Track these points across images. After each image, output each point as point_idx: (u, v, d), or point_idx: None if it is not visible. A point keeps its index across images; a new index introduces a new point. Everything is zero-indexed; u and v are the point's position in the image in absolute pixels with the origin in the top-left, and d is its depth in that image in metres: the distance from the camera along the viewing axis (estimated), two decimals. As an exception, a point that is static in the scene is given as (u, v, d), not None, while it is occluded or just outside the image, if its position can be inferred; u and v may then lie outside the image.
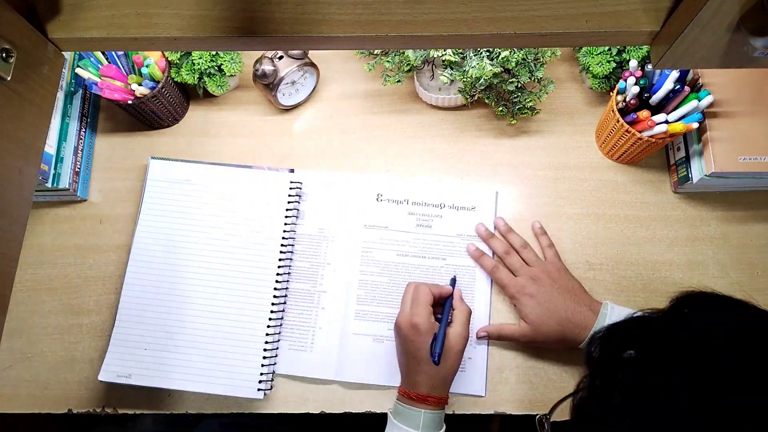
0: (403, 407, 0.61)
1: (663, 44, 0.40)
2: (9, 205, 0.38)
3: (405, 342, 0.62)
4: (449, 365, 0.61)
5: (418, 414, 0.60)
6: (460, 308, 0.65)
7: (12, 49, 0.37)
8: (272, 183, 0.75)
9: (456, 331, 0.62)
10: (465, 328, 0.63)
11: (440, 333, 0.61)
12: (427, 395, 0.60)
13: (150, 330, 0.69)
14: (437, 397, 0.60)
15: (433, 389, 0.60)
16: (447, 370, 0.61)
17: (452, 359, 0.61)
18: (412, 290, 0.64)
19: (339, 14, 0.41)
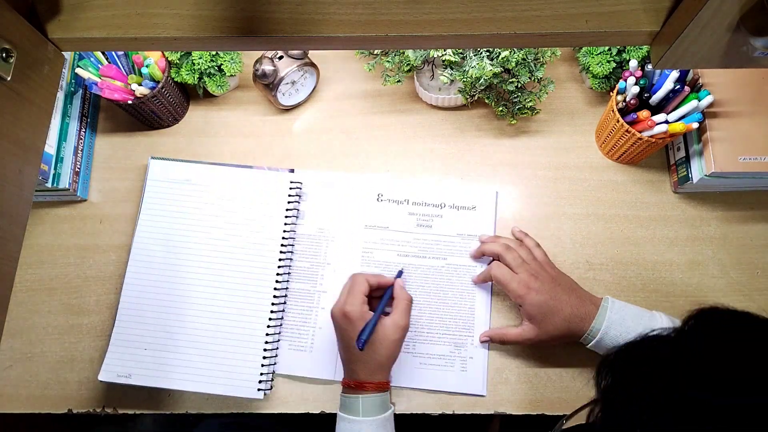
0: (345, 397, 0.62)
1: (663, 44, 0.40)
2: (9, 205, 0.38)
3: (338, 330, 0.63)
4: (382, 353, 0.61)
5: (356, 400, 0.61)
6: (400, 297, 0.65)
7: (12, 49, 0.37)
8: (272, 183, 0.75)
9: (392, 319, 0.62)
10: (403, 317, 0.63)
11: (371, 321, 0.61)
12: (365, 381, 0.61)
13: (150, 330, 0.69)
14: (375, 383, 0.61)
15: (370, 375, 0.61)
16: (381, 357, 0.61)
17: (387, 347, 0.61)
18: (350, 279, 0.65)
19: (339, 14, 0.41)
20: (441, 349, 0.69)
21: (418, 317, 0.71)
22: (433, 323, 0.70)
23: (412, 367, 0.69)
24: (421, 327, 0.70)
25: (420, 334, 0.70)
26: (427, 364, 0.69)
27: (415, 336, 0.70)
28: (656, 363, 0.37)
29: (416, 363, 0.69)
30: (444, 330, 0.70)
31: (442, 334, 0.70)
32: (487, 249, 0.70)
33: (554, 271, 0.67)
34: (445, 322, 0.70)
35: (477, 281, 0.72)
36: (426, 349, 0.69)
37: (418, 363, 0.69)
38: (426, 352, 0.69)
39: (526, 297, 0.63)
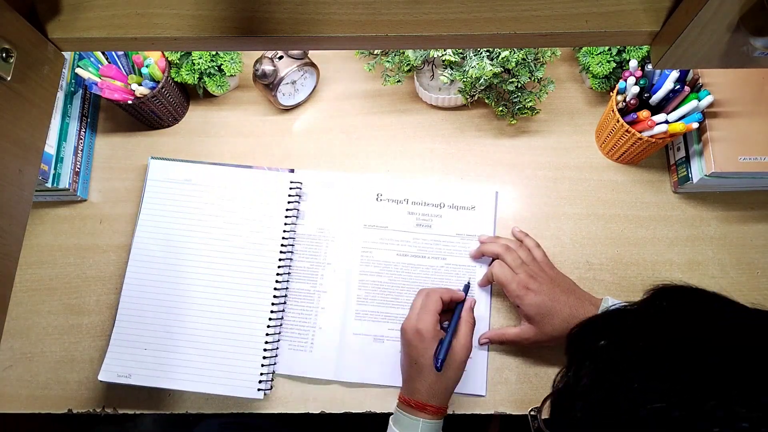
0: (402, 415, 0.61)
1: (663, 44, 0.40)
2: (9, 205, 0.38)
3: (408, 347, 0.62)
4: (450, 375, 0.61)
5: (416, 422, 0.60)
6: (467, 319, 0.64)
7: (12, 49, 0.37)
8: (272, 183, 0.75)
9: (460, 341, 0.62)
10: (469, 340, 0.63)
11: (446, 340, 0.61)
12: (426, 403, 0.60)
13: (150, 330, 0.69)
14: (436, 407, 0.60)
15: (432, 397, 0.60)
16: (448, 380, 0.61)
17: (454, 369, 0.61)
18: (423, 296, 0.64)
19: (339, 14, 0.41)
20: (441, 349, 0.69)
21: (418, 317, 0.71)
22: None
23: (412, 367, 0.69)
24: (421, 327, 0.70)
25: (420, 334, 0.70)
26: (427, 364, 0.69)
27: (415, 336, 0.70)
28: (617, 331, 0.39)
29: (416, 363, 0.69)
30: (444, 330, 0.70)
31: (442, 334, 0.70)
32: (486, 249, 0.70)
33: (553, 271, 0.67)
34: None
35: (482, 284, 0.71)
36: (426, 349, 0.69)
37: (418, 363, 0.69)
38: (426, 352, 0.69)
39: (524, 298, 0.63)
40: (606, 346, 0.38)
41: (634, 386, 0.34)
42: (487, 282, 0.71)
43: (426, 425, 0.59)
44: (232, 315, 0.69)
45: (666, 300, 0.40)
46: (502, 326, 0.70)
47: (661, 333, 0.36)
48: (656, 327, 0.37)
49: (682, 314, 0.38)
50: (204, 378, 0.67)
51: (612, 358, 0.37)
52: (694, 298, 0.40)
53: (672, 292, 0.40)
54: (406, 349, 0.62)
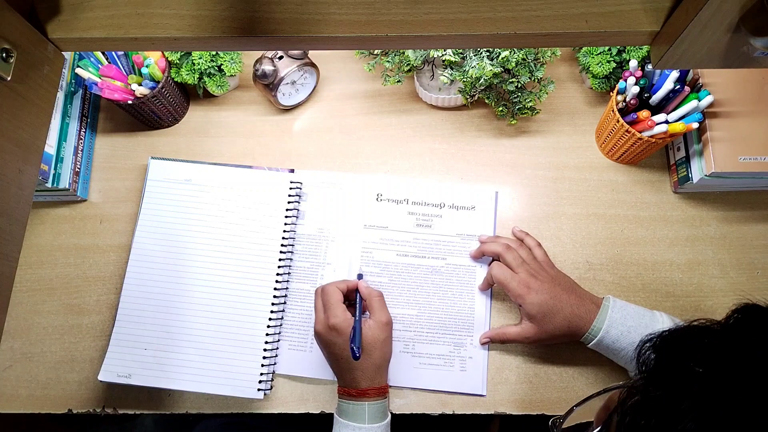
0: (347, 404, 0.61)
1: (663, 44, 0.40)
2: (9, 205, 0.38)
3: (328, 346, 0.62)
4: (378, 354, 0.61)
5: (362, 407, 0.60)
6: (370, 295, 0.65)
7: (12, 49, 0.37)
8: (272, 183, 0.75)
9: (374, 319, 0.62)
10: (382, 313, 0.63)
11: (356, 328, 0.61)
12: (367, 388, 0.61)
13: (150, 330, 0.69)
14: (377, 388, 0.61)
15: (371, 381, 0.61)
16: (377, 360, 0.61)
17: (379, 347, 0.61)
18: (321, 294, 0.64)
19: (339, 14, 0.41)
20: (440, 349, 0.69)
21: (417, 317, 0.71)
22: (432, 323, 0.70)
23: (412, 367, 0.69)
24: (420, 327, 0.70)
25: (420, 334, 0.70)
26: (426, 364, 0.69)
27: (415, 336, 0.70)
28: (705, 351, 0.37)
29: (416, 363, 0.69)
30: (443, 330, 0.70)
31: (441, 334, 0.70)
32: (486, 249, 0.70)
33: (554, 270, 0.67)
34: (444, 322, 0.70)
35: (483, 288, 0.71)
36: (425, 349, 0.69)
37: (417, 363, 0.69)
38: (426, 352, 0.69)
39: (526, 297, 0.63)
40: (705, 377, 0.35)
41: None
42: (488, 285, 0.71)
43: (372, 407, 0.60)
44: (232, 315, 0.69)
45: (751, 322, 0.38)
46: (502, 325, 0.70)
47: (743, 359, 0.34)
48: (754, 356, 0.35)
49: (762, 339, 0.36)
50: (204, 378, 0.67)
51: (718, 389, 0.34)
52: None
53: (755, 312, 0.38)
54: (328, 349, 0.62)
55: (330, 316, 0.62)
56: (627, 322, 0.61)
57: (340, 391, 0.63)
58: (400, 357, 0.69)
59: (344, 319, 0.61)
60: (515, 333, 0.66)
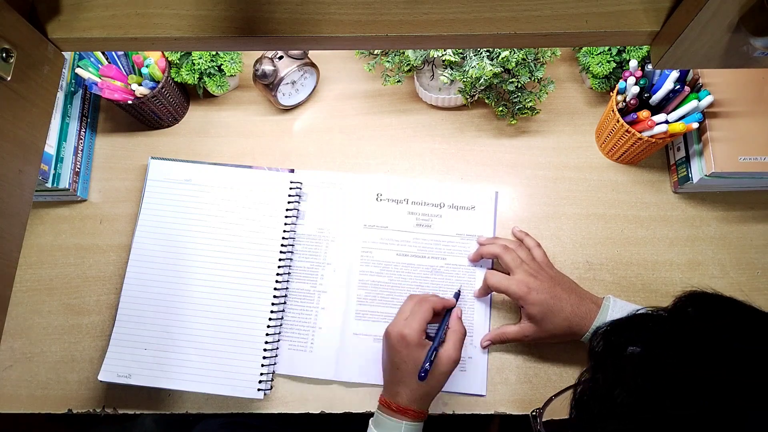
0: (384, 417, 0.60)
1: (663, 44, 0.40)
2: (9, 205, 0.38)
3: (391, 351, 0.61)
4: (433, 384, 0.60)
5: (398, 425, 0.59)
6: (456, 329, 0.63)
7: (12, 49, 0.37)
8: (272, 183, 0.75)
9: (447, 352, 0.61)
10: (457, 351, 0.62)
11: (431, 351, 0.60)
12: (407, 407, 0.60)
13: (150, 330, 0.69)
14: (417, 411, 0.60)
15: (413, 402, 0.60)
16: (430, 388, 0.60)
17: (437, 379, 0.60)
18: (414, 303, 0.63)
19: (339, 14, 0.41)
20: (441, 349, 0.69)
21: (418, 317, 0.70)
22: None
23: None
24: (421, 327, 0.70)
25: (420, 334, 0.70)
26: (427, 364, 0.69)
27: (415, 336, 0.70)
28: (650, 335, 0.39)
29: (416, 363, 0.69)
30: (444, 330, 0.70)
31: (442, 334, 0.70)
32: (485, 251, 0.70)
33: (553, 271, 0.67)
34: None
35: (479, 295, 0.71)
36: (426, 349, 0.69)
37: (418, 363, 0.69)
38: (426, 352, 0.69)
39: (527, 297, 0.63)
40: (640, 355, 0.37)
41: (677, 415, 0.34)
42: (484, 293, 0.70)
43: (408, 427, 0.59)
44: (232, 315, 0.69)
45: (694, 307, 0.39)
46: (501, 325, 0.70)
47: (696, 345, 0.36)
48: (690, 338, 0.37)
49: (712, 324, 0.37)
50: (204, 378, 0.67)
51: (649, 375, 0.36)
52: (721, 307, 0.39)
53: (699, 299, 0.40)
54: (390, 353, 0.62)
55: (407, 325, 0.61)
56: None
57: (382, 401, 0.62)
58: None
59: (418, 337, 0.60)
60: (515, 332, 0.66)
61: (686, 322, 0.39)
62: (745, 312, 0.38)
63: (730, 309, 0.39)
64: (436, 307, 0.63)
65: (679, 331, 0.38)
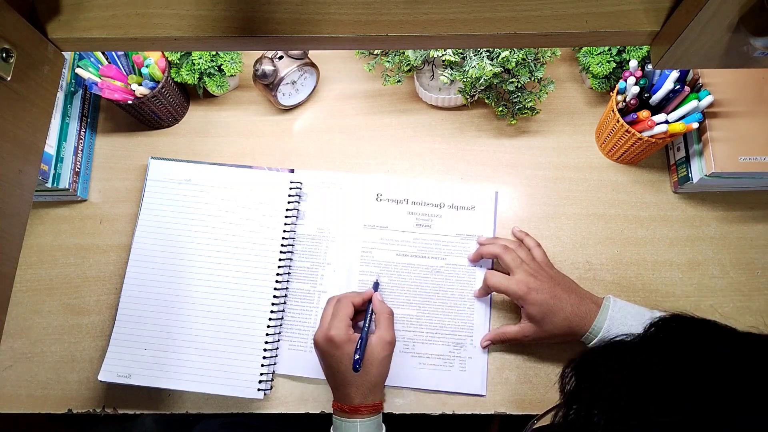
0: (340, 421, 0.61)
1: (663, 44, 0.40)
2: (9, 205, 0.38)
3: (325, 356, 0.61)
4: (374, 372, 0.60)
5: (353, 425, 0.59)
6: (381, 311, 0.64)
7: (12, 49, 0.37)
8: (272, 183, 0.75)
9: (378, 336, 0.61)
10: (388, 332, 0.62)
11: (361, 341, 0.60)
12: (360, 405, 0.60)
13: (150, 330, 0.69)
14: (370, 405, 0.60)
15: (364, 398, 0.60)
16: (374, 378, 0.60)
17: (377, 365, 0.60)
18: (333, 304, 0.64)
19: (339, 14, 0.41)
20: (440, 349, 0.69)
21: (417, 317, 0.71)
22: (432, 323, 0.70)
23: (412, 367, 0.69)
24: (420, 327, 0.70)
25: (419, 334, 0.70)
26: (426, 364, 0.69)
27: (415, 336, 0.70)
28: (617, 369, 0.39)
29: (415, 363, 0.69)
30: (443, 330, 0.70)
31: (441, 334, 0.70)
32: (485, 251, 0.70)
33: (553, 271, 0.67)
34: (444, 322, 0.70)
35: (479, 295, 0.71)
36: (425, 349, 0.69)
37: (417, 363, 0.69)
38: (425, 352, 0.69)
39: (527, 297, 0.63)
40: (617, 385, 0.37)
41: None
42: (485, 293, 0.70)
43: (364, 425, 0.59)
44: (232, 315, 0.69)
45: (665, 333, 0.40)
46: (501, 325, 0.70)
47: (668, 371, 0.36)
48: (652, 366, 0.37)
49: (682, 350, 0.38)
50: (204, 378, 0.67)
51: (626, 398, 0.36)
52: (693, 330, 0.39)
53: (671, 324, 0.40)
54: (324, 359, 0.62)
55: (332, 327, 0.61)
56: (627, 321, 0.61)
57: (335, 406, 0.62)
58: (400, 357, 0.69)
59: (344, 334, 0.60)
60: (514, 332, 0.66)
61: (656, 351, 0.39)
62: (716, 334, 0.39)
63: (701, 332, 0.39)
64: (354, 302, 0.64)
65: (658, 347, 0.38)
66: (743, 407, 0.32)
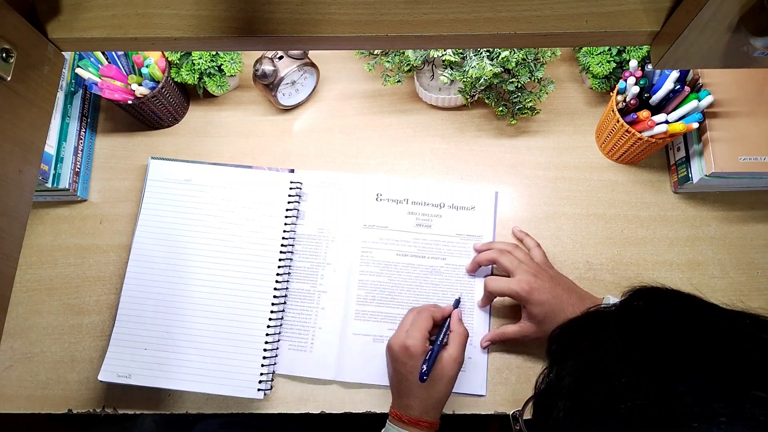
0: (396, 429, 0.60)
1: (663, 44, 0.40)
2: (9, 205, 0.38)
3: (396, 363, 0.61)
4: (440, 388, 0.60)
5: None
6: (457, 331, 0.63)
7: (12, 49, 0.37)
8: (272, 183, 0.75)
9: (449, 353, 0.61)
10: (459, 352, 0.61)
11: (432, 352, 0.60)
12: (419, 419, 0.59)
13: (150, 330, 0.69)
14: (429, 422, 0.60)
15: (424, 413, 0.60)
16: (439, 394, 0.60)
17: (444, 383, 0.60)
18: (414, 314, 0.64)
19: (339, 14, 0.41)
20: (441, 349, 0.69)
21: (418, 317, 0.70)
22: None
23: (412, 367, 0.69)
24: (421, 327, 0.70)
25: (420, 334, 0.70)
26: (427, 364, 0.69)
27: (415, 336, 0.70)
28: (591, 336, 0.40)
29: (416, 363, 0.69)
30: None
31: (442, 334, 0.70)
32: (481, 258, 0.69)
33: (553, 271, 0.67)
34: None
35: (483, 305, 0.71)
36: (426, 349, 0.69)
37: (418, 363, 0.69)
38: (426, 352, 0.69)
39: (530, 297, 0.62)
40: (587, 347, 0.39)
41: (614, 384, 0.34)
42: (488, 301, 0.70)
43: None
44: (232, 315, 0.69)
45: (642, 300, 0.41)
46: (501, 325, 0.70)
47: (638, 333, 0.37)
48: (633, 327, 0.38)
49: (657, 314, 0.38)
50: (204, 378, 0.67)
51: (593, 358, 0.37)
52: (668, 299, 0.40)
53: (647, 292, 0.41)
54: (395, 365, 0.61)
55: (409, 336, 0.61)
56: None
57: (393, 413, 0.62)
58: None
59: (420, 345, 0.60)
60: (514, 332, 0.66)
61: (631, 314, 0.40)
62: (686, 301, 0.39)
63: (672, 299, 0.40)
64: (435, 316, 0.63)
65: (623, 323, 0.39)
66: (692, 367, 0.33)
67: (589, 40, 0.41)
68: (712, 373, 0.32)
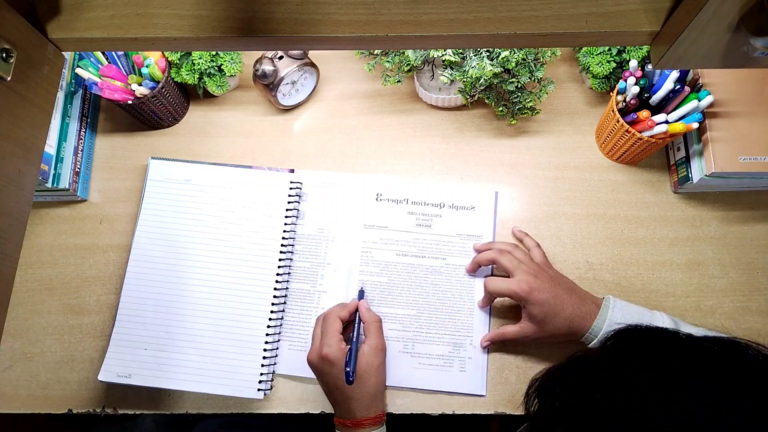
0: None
1: (663, 44, 0.40)
2: (9, 205, 0.38)
3: (321, 375, 0.62)
4: (372, 381, 0.60)
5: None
6: (368, 319, 0.64)
7: (12, 49, 0.37)
8: (272, 183, 0.75)
9: (369, 345, 0.62)
10: (378, 340, 0.62)
11: (351, 353, 0.61)
12: (362, 419, 0.60)
13: (150, 330, 0.69)
14: (372, 417, 0.60)
15: (366, 411, 0.60)
16: (372, 387, 0.61)
17: (373, 375, 0.60)
18: (320, 322, 0.64)
19: (339, 14, 0.41)
20: (440, 349, 0.69)
21: (417, 317, 0.71)
22: (431, 323, 0.70)
23: (411, 368, 0.69)
24: (419, 327, 0.70)
25: (419, 334, 0.70)
26: (425, 364, 0.69)
27: (414, 336, 0.70)
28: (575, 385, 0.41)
29: (415, 363, 0.69)
30: (443, 330, 0.70)
31: (441, 335, 0.70)
32: (481, 259, 0.69)
33: (553, 271, 0.67)
34: (444, 322, 0.70)
35: (483, 305, 0.71)
36: (425, 350, 0.69)
37: (417, 363, 0.69)
38: (425, 353, 0.69)
39: (530, 297, 0.62)
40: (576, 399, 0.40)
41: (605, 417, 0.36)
42: (489, 301, 0.70)
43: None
44: (232, 315, 0.69)
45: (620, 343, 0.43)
46: (501, 326, 0.70)
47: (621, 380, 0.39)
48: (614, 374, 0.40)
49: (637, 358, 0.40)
50: (204, 378, 0.67)
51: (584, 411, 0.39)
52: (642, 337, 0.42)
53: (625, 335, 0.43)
54: (321, 378, 0.62)
55: (324, 345, 0.61)
56: (627, 321, 0.60)
57: (337, 422, 0.62)
58: (400, 357, 0.69)
59: (337, 350, 0.61)
60: (514, 332, 0.66)
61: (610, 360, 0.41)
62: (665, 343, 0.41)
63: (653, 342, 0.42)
64: (341, 315, 0.64)
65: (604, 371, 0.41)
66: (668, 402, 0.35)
67: (589, 40, 0.41)
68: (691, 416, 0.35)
